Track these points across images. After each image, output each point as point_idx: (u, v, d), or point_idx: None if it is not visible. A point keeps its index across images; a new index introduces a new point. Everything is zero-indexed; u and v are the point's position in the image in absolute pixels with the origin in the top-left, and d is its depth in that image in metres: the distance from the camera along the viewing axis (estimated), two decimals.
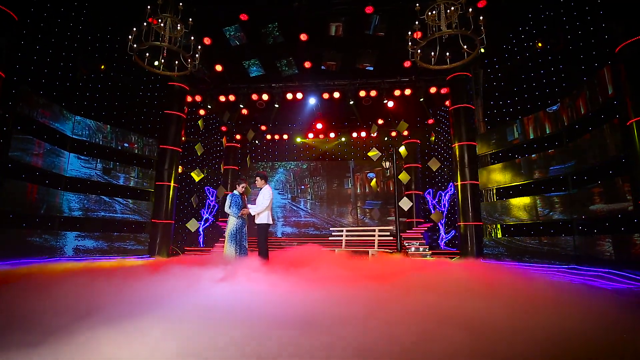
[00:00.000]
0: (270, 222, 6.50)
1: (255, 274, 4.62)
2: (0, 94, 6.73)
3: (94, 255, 9.15)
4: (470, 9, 6.76)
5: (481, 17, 6.95)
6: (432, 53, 7.70)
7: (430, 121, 14.13)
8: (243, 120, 14.61)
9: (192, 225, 11.73)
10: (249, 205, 6.28)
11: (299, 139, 15.27)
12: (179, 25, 7.77)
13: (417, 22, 7.18)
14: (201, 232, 13.09)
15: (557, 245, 7.95)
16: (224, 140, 14.07)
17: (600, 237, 6.91)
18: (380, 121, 13.81)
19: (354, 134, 15.06)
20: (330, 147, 15.42)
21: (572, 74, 8.13)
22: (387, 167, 11.72)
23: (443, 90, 11.57)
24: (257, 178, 6.49)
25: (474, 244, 9.72)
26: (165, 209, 10.52)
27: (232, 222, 6.08)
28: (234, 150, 15.02)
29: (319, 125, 14.18)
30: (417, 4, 7.39)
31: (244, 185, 6.30)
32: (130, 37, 7.41)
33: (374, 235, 8.25)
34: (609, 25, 6.10)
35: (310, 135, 15.08)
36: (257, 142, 14.84)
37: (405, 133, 13.65)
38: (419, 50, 7.62)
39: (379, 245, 8.64)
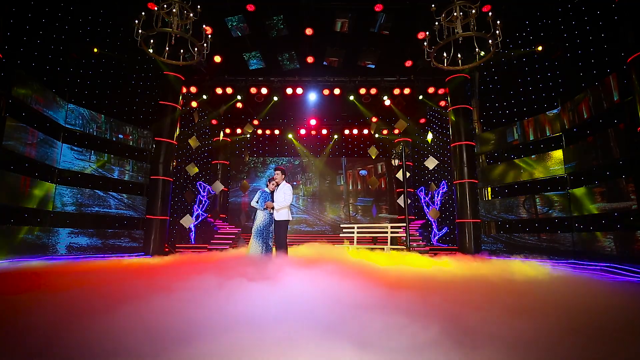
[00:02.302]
0: (290, 218, 6.41)
1: None
2: None
3: (88, 253, 8.55)
4: (490, 13, 7.00)
5: (498, 22, 7.19)
6: (444, 54, 7.91)
7: (422, 120, 14.48)
8: (233, 114, 14.23)
9: (187, 221, 11.30)
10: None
11: (291, 135, 15.09)
12: (185, 11, 7.43)
13: (436, 23, 7.27)
14: (192, 229, 12.63)
15: (556, 242, 8.41)
16: (223, 132, 13.72)
17: (600, 233, 7.39)
18: (374, 119, 13.93)
19: (347, 131, 15.11)
20: (323, 143, 15.36)
21: (572, 80, 8.60)
22: (396, 164, 11.86)
23: (441, 91, 11.85)
24: (278, 172, 6.32)
25: (471, 240, 10.06)
26: (160, 204, 10.03)
27: (260, 219, 5.92)
28: (224, 144, 14.61)
29: (313, 122, 14.07)
30: (433, 5, 7.47)
31: (275, 183, 6.13)
32: (137, 21, 6.98)
33: (386, 232, 8.31)
34: (621, 34, 6.49)
35: (303, 132, 14.95)
36: (248, 136, 14.52)
37: (396, 132, 13.86)
38: (430, 51, 7.79)
39: (379, 242, 8.73)
